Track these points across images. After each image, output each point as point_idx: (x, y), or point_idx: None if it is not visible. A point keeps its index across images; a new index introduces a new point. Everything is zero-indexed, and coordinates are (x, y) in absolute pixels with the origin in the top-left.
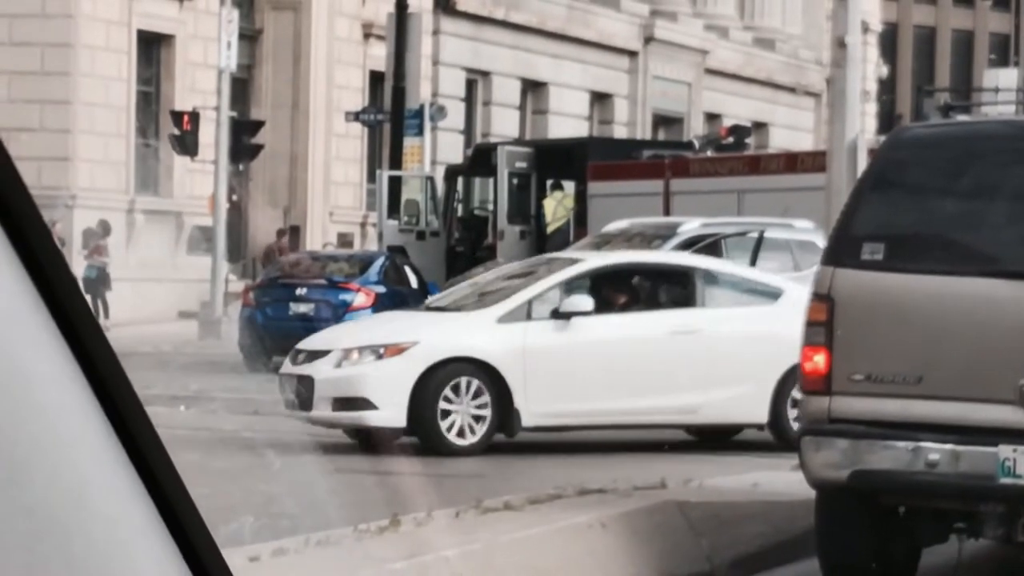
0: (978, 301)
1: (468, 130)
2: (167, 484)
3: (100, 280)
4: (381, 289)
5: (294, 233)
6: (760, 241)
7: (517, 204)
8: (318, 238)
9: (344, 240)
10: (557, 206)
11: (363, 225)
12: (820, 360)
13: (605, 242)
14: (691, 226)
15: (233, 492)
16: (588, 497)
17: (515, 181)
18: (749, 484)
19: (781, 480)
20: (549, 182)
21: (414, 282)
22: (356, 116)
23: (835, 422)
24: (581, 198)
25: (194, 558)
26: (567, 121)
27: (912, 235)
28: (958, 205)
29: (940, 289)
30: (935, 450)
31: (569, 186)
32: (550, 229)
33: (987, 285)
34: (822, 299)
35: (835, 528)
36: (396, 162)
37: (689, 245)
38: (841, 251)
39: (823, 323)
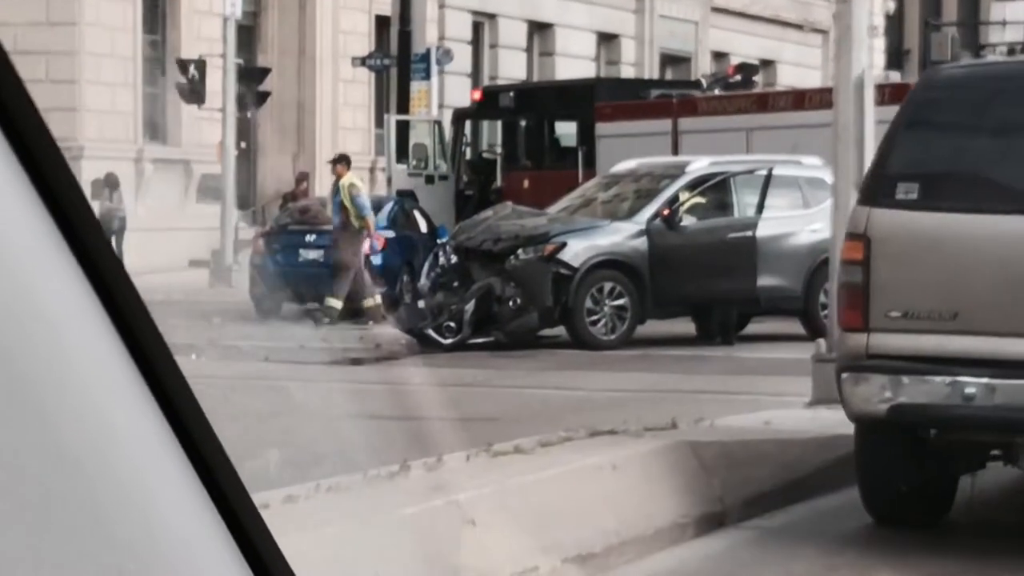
0: (1011, 238)
1: (475, 73)
2: (194, 427)
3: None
4: (391, 234)
5: (303, 179)
6: (769, 179)
7: (526, 147)
8: (327, 184)
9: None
10: None
11: (372, 170)
12: (857, 298)
13: (614, 182)
14: (699, 165)
15: (256, 432)
16: (599, 439)
17: (523, 124)
18: (761, 423)
19: (793, 418)
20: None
21: (423, 226)
22: (363, 61)
23: (873, 358)
24: (589, 138)
25: (221, 498)
26: (574, 63)
27: (945, 174)
28: (990, 144)
29: (973, 227)
30: (971, 384)
31: None
32: None
33: (1020, 222)
34: (858, 238)
35: (875, 460)
36: (403, 107)
37: (698, 184)
38: (876, 191)
39: (859, 262)
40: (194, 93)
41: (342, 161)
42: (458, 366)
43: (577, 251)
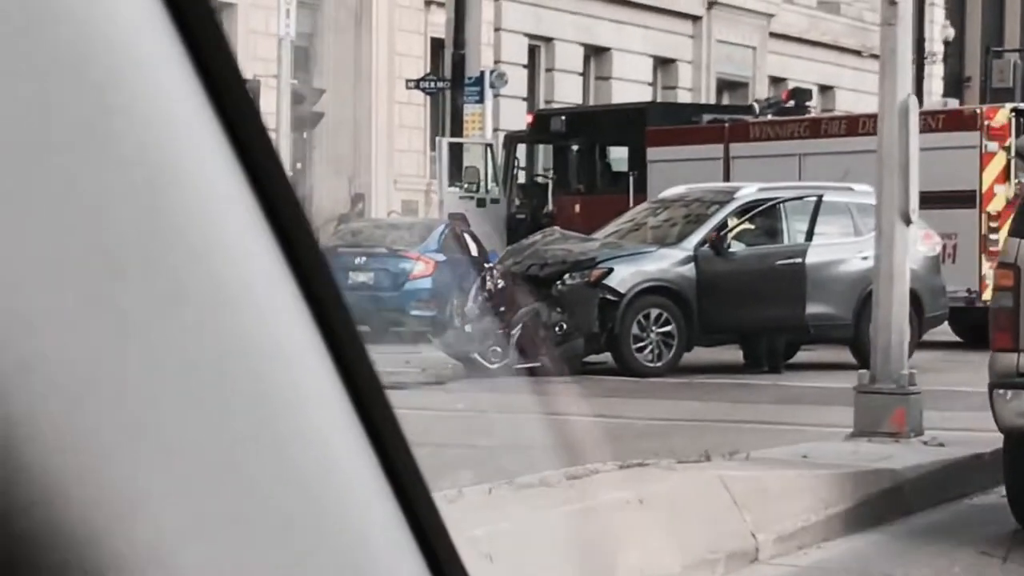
0: None
1: (531, 97)
2: (396, 453)
3: None
4: (441, 257)
5: (358, 201)
6: (819, 205)
7: (577, 171)
8: (383, 206)
9: (408, 208)
10: None
11: (427, 193)
12: (1008, 321)
13: (664, 208)
14: (748, 191)
15: None
16: (628, 471)
17: (575, 148)
18: (798, 456)
19: (832, 451)
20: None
21: (474, 249)
22: (416, 84)
23: (1023, 376)
24: (641, 163)
25: (412, 514)
26: (630, 87)
27: None
28: None
29: None
30: None
31: None
32: None
33: None
34: (1009, 267)
35: (1023, 469)
36: (457, 129)
37: (747, 210)
38: None
39: (1011, 288)
40: None
41: None
42: (502, 391)
43: (624, 277)
